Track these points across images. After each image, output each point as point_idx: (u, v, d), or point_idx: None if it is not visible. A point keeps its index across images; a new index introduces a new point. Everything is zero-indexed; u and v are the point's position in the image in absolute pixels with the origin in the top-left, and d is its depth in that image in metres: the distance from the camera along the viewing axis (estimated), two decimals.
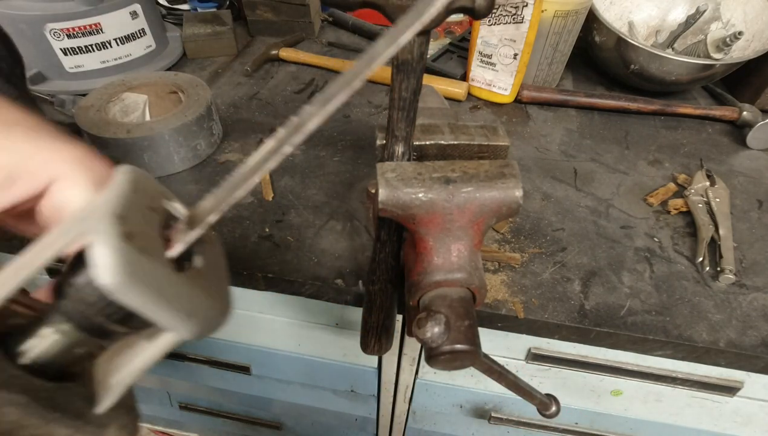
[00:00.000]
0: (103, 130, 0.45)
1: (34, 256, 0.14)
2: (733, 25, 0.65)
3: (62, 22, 0.53)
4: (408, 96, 0.27)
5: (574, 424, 0.60)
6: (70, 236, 0.14)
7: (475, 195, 0.27)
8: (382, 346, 0.39)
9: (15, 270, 0.14)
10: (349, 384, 0.65)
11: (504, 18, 0.55)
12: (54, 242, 0.15)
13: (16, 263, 0.14)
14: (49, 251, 0.14)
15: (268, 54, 0.68)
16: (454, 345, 0.25)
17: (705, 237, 0.44)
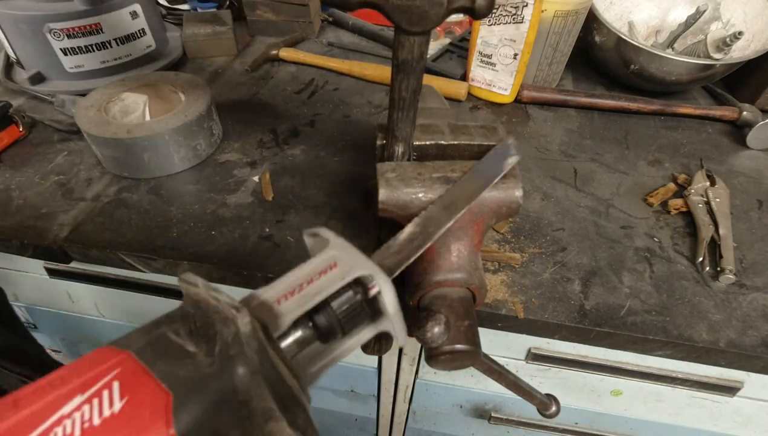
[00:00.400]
0: (103, 130, 0.45)
1: (330, 283, 0.21)
2: (733, 25, 0.65)
3: (62, 22, 0.53)
4: (408, 96, 0.27)
5: (574, 424, 0.60)
6: (347, 277, 0.21)
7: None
8: (383, 346, 0.39)
9: (322, 286, 0.20)
10: (349, 384, 0.65)
11: (504, 18, 0.55)
12: (337, 279, 0.21)
13: (320, 282, 0.20)
14: (338, 283, 0.21)
15: (268, 54, 0.68)
16: (454, 345, 0.25)
17: (705, 237, 0.44)
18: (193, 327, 0.17)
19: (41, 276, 0.53)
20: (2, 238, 0.42)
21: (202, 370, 0.16)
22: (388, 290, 0.20)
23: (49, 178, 0.48)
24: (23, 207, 0.44)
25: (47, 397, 0.14)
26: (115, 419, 0.14)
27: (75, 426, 0.14)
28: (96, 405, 0.15)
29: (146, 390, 0.15)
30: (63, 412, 0.14)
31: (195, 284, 0.18)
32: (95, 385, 0.15)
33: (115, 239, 0.42)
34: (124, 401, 0.15)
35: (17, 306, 0.62)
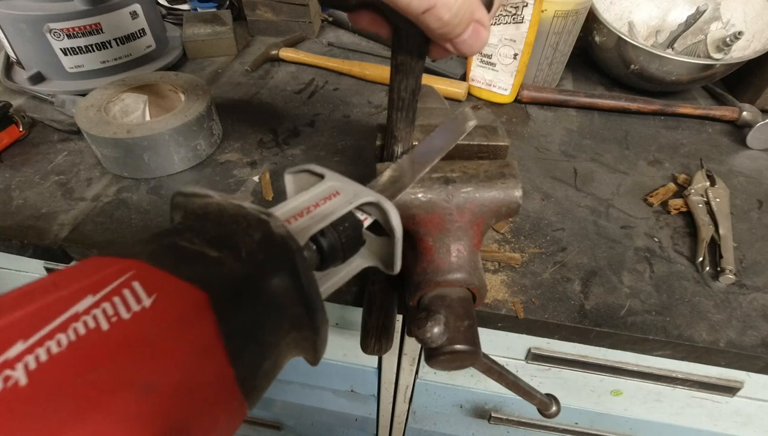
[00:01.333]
0: (103, 130, 0.45)
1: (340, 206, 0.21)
2: (733, 25, 0.65)
3: (62, 22, 0.53)
4: (407, 96, 0.27)
5: (574, 424, 0.60)
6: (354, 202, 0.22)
7: (475, 195, 0.27)
8: (383, 346, 0.39)
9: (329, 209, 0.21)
10: (349, 384, 0.65)
11: (504, 18, 0.55)
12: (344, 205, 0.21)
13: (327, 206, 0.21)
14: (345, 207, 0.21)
15: (268, 54, 0.68)
16: (454, 345, 0.25)
17: (705, 237, 0.44)
18: (208, 236, 0.16)
19: (41, 276, 0.53)
20: (2, 238, 0.42)
21: (232, 272, 0.15)
22: (396, 214, 0.21)
23: (49, 178, 0.48)
24: (23, 207, 0.44)
25: (44, 299, 0.12)
26: (148, 314, 0.13)
27: (100, 321, 0.12)
28: (119, 303, 0.13)
29: (176, 289, 0.14)
30: (76, 310, 0.12)
31: (206, 194, 0.18)
32: (109, 285, 0.13)
33: (115, 239, 0.42)
34: (153, 297, 0.13)
35: None
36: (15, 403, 0.10)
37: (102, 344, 0.12)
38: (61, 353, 0.11)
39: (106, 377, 0.11)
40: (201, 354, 0.13)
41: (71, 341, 0.12)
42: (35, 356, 0.11)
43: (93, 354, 0.12)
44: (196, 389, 0.13)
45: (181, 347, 0.13)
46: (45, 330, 0.12)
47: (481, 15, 0.21)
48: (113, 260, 0.14)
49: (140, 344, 0.12)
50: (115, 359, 0.12)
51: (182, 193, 0.18)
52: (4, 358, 0.11)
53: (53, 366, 0.11)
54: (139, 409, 0.12)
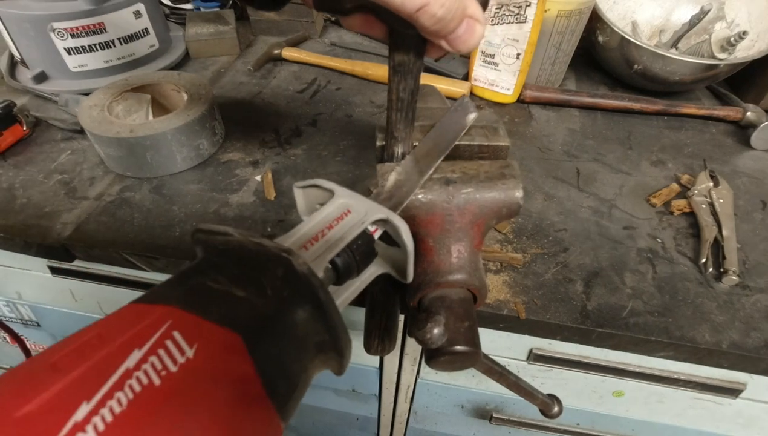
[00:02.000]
0: (107, 130, 0.45)
1: (353, 228, 0.22)
2: (738, 25, 0.64)
3: (66, 22, 0.53)
4: (406, 97, 0.27)
5: (576, 425, 0.60)
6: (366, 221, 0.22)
7: (475, 196, 0.27)
8: (385, 347, 0.39)
9: (342, 231, 0.22)
10: (350, 384, 0.65)
11: (507, 18, 0.55)
12: (356, 225, 0.22)
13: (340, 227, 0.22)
14: (357, 228, 0.22)
15: (271, 53, 0.68)
16: (454, 347, 0.25)
17: (708, 238, 0.44)
18: (233, 274, 0.17)
19: (44, 275, 0.53)
20: (6, 236, 0.42)
21: (261, 311, 0.16)
22: (406, 229, 0.22)
23: (52, 177, 0.48)
24: (27, 206, 0.44)
25: (95, 356, 0.13)
26: (192, 364, 0.14)
27: (152, 377, 0.13)
28: (164, 355, 0.14)
29: (213, 335, 0.15)
30: (128, 366, 0.13)
31: (226, 232, 0.18)
32: (151, 337, 0.14)
33: (117, 238, 0.42)
34: (195, 347, 0.14)
35: (21, 305, 0.62)
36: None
37: (157, 400, 0.13)
38: (123, 413, 0.12)
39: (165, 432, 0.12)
40: (242, 391, 0.14)
41: (129, 399, 0.12)
42: (101, 417, 0.12)
43: (151, 411, 0.12)
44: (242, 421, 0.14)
45: (226, 391, 0.14)
46: (104, 389, 0.12)
47: (474, 10, 0.21)
48: (150, 308, 0.15)
49: (191, 396, 0.13)
50: (173, 415, 0.12)
51: (202, 230, 0.19)
52: (74, 421, 0.11)
53: (118, 427, 0.12)
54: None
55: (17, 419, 0.11)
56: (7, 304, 0.63)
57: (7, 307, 0.63)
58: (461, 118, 0.30)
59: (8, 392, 0.12)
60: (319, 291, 0.17)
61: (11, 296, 0.61)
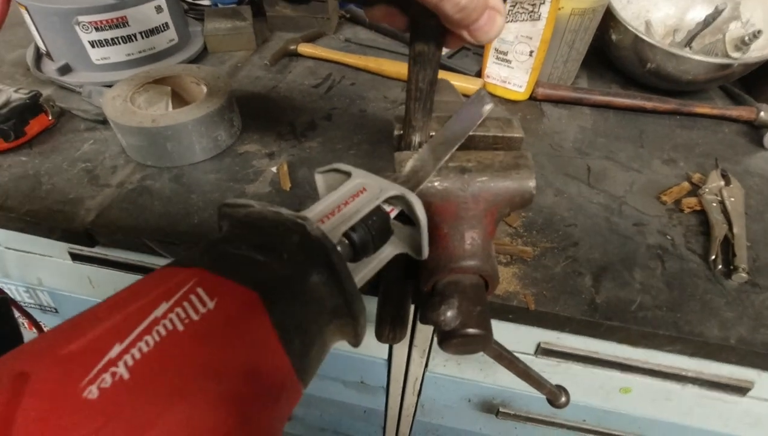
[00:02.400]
0: (129, 120, 0.46)
1: (367, 203, 0.23)
2: (753, 25, 0.64)
3: (91, 15, 0.55)
4: (425, 87, 0.28)
5: (582, 421, 0.61)
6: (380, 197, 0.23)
7: (490, 184, 0.27)
8: (397, 335, 0.39)
9: (358, 206, 0.22)
10: (358, 375, 0.66)
11: (521, 15, 0.55)
12: (371, 200, 0.23)
13: (355, 203, 0.22)
14: (372, 203, 0.23)
15: (287, 49, 0.69)
16: (467, 329, 0.26)
17: (718, 236, 0.44)
18: (254, 242, 0.19)
19: (65, 261, 0.55)
20: (32, 220, 0.43)
21: (278, 273, 0.18)
22: (420, 205, 0.23)
23: (76, 165, 0.49)
24: (52, 192, 0.46)
25: (129, 308, 0.15)
26: (213, 315, 0.15)
27: (176, 324, 0.15)
28: (188, 307, 0.15)
29: (233, 291, 0.16)
30: (155, 315, 0.15)
31: (247, 204, 0.20)
32: (178, 292, 0.16)
33: (138, 224, 0.43)
34: (215, 301, 0.16)
35: (41, 291, 0.64)
36: (124, 394, 0.13)
37: (180, 342, 0.14)
38: (150, 351, 0.14)
39: (187, 368, 0.14)
40: (260, 344, 0.16)
41: (156, 341, 0.14)
42: (131, 355, 0.14)
43: (174, 351, 0.14)
44: (259, 374, 0.16)
45: (243, 339, 0.15)
46: (134, 334, 0.14)
47: (495, 2, 0.22)
48: (178, 270, 0.17)
49: (210, 340, 0.15)
50: (192, 354, 0.14)
51: (227, 205, 0.20)
52: (108, 357, 0.13)
53: (146, 363, 0.14)
54: (216, 392, 0.14)
55: (62, 356, 0.13)
56: (27, 290, 0.65)
57: (27, 293, 0.65)
58: (478, 109, 0.30)
59: (58, 336, 0.14)
60: (332, 254, 0.18)
61: (32, 282, 0.63)
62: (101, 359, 0.13)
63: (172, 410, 0.13)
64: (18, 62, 0.66)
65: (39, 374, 0.13)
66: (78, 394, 0.12)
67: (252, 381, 0.15)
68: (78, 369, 0.13)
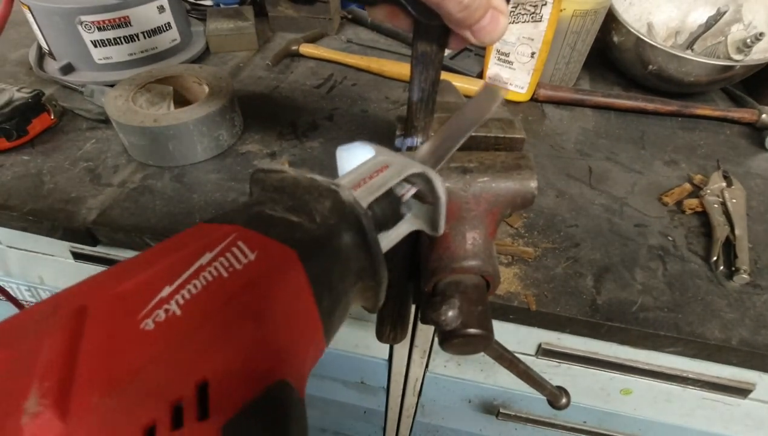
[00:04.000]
0: (131, 119, 0.47)
1: (391, 178, 0.23)
2: (755, 27, 0.64)
3: (94, 15, 0.55)
4: (427, 88, 0.28)
5: (582, 423, 0.60)
6: (403, 173, 0.23)
7: (491, 185, 0.27)
8: (397, 335, 0.40)
9: (383, 181, 0.23)
10: (359, 375, 0.66)
11: (522, 16, 0.55)
12: (394, 176, 0.23)
13: (380, 178, 0.23)
14: (395, 178, 0.23)
15: (289, 49, 0.70)
16: (468, 329, 0.26)
17: (720, 237, 0.44)
18: (288, 205, 0.20)
19: (66, 260, 0.55)
20: (34, 219, 0.44)
21: (312, 233, 0.19)
22: (440, 182, 0.24)
23: (78, 164, 0.50)
24: (54, 191, 0.46)
25: (173, 255, 0.16)
26: (254, 265, 0.17)
27: (220, 271, 0.16)
28: (231, 257, 0.16)
29: (273, 247, 0.17)
30: (201, 263, 0.16)
31: (282, 169, 0.21)
32: (220, 244, 0.17)
33: (140, 224, 0.43)
34: (256, 253, 0.17)
35: (42, 289, 0.64)
36: (176, 327, 0.14)
37: (226, 287, 0.16)
38: (198, 293, 0.15)
39: (232, 309, 0.15)
40: (296, 294, 0.17)
41: (203, 284, 0.15)
42: (182, 296, 0.15)
43: (220, 294, 0.15)
44: (294, 321, 0.17)
45: (281, 287, 0.17)
46: (183, 278, 0.15)
47: (498, 2, 0.22)
48: (217, 226, 0.18)
49: (252, 286, 0.16)
50: (237, 297, 0.16)
51: (262, 170, 0.22)
52: (160, 297, 0.15)
53: (195, 303, 0.15)
54: (256, 332, 0.15)
55: (117, 293, 0.15)
56: (29, 288, 0.65)
57: (28, 291, 0.65)
58: (489, 101, 0.31)
59: (111, 276, 0.16)
60: (363, 219, 0.19)
61: (34, 281, 0.63)
62: (154, 297, 0.14)
63: (220, 343, 0.14)
64: (21, 61, 0.66)
65: (98, 307, 0.14)
66: (136, 325, 0.14)
67: (287, 327, 0.17)
68: (134, 305, 0.14)
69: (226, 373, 0.14)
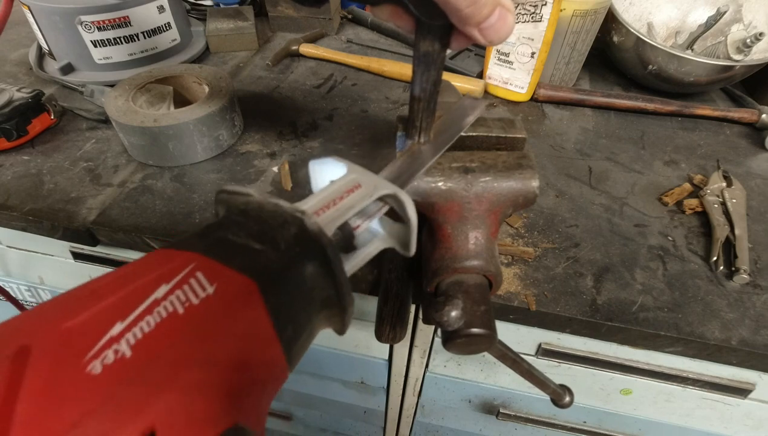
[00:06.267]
0: (131, 119, 0.46)
1: (361, 199, 0.23)
2: (755, 27, 0.64)
3: (93, 15, 0.55)
4: (429, 87, 0.28)
5: (582, 423, 0.61)
6: (374, 195, 0.23)
7: (493, 184, 0.27)
8: (397, 334, 0.40)
9: (352, 202, 0.22)
10: (359, 375, 0.66)
11: (522, 16, 0.55)
12: (365, 197, 0.23)
13: (350, 199, 0.23)
14: (366, 200, 0.23)
15: (289, 49, 0.69)
16: (471, 329, 0.26)
17: (720, 237, 0.44)
18: (251, 230, 0.19)
19: (66, 260, 0.55)
20: (34, 219, 0.43)
21: (275, 263, 0.18)
22: (410, 204, 0.24)
23: (78, 164, 0.49)
24: (54, 191, 0.46)
25: (128, 287, 0.15)
26: (212, 300, 0.16)
27: (176, 306, 0.15)
28: (188, 290, 0.16)
29: (233, 278, 0.17)
30: (156, 296, 0.15)
31: (247, 193, 0.20)
32: (178, 275, 0.16)
33: (140, 224, 0.43)
34: (215, 286, 0.16)
35: (42, 289, 0.64)
36: (125, 371, 0.13)
37: (180, 325, 0.15)
38: (151, 332, 0.14)
39: (186, 353, 0.14)
40: (255, 331, 0.17)
41: (157, 322, 0.15)
42: (133, 334, 0.14)
43: (174, 333, 0.15)
44: (252, 358, 0.16)
45: (239, 323, 0.16)
46: (135, 313, 0.14)
47: (505, 0, 0.21)
48: (176, 253, 0.17)
49: (208, 324, 0.15)
50: (191, 337, 0.15)
51: (226, 191, 0.21)
52: (110, 335, 0.14)
53: (146, 342, 0.14)
54: (209, 376, 0.15)
55: (64, 330, 0.14)
56: (29, 288, 0.65)
57: (28, 291, 0.65)
58: (468, 111, 0.31)
59: (57, 309, 0.14)
60: (327, 249, 0.19)
61: (34, 281, 0.63)
62: (103, 336, 0.14)
63: (170, 388, 0.13)
64: (21, 61, 0.66)
65: (41, 347, 0.13)
66: (81, 368, 0.13)
67: (246, 369, 0.16)
68: (81, 344, 0.13)
69: (176, 421, 0.13)
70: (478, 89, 0.62)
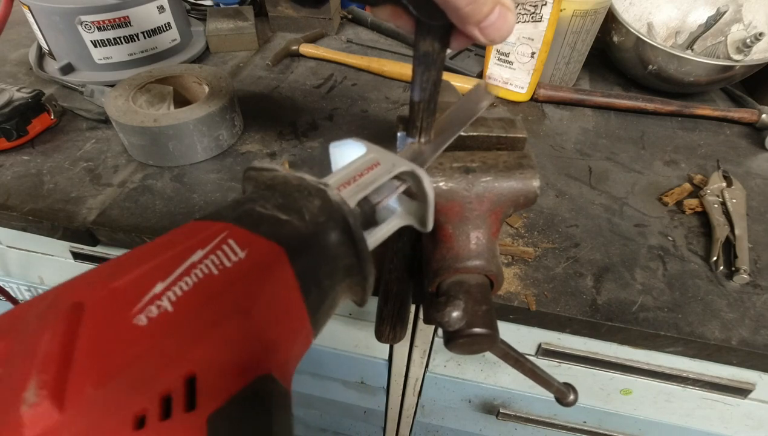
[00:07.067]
0: (131, 119, 0.46)
1: (380, 176, 0.23)
2: (755, 27, 0.64)
3: (94, 15, 0.55)
4: (429, 88, 0.28)
5: (582, 423, 0.61)
6: (393, 171, 0.24)
7: (494, 184, 0.27)
8: (397, 334, 0.40)
9: (372, 178, 0.23)
10: (359, 375, 0.66)
11: (523, 16, 0.55)
12: (384, 174, 0.24)
13: (370, 175, 0.23)
14: (385, 176, 0.24)
15: (289, 49, 0.69)
16: (473, 329, 0.26)
17: (720, 237, 0.44)
18: (278, 203, 0.20)
19: (66, 260, 0.55)
20: (34, 219, 0.43)
21: (300, 231, 0.19)
22: (428, 180, 0.24)
23: (78, 164, 0.49)
24: (54, 191, 0.46)
25: (167, 252, 0.17)
26: (244, 263, 0.17)
27: (211, 268, 0.17)
28: (221, 255, 0.17)
29: (262, 244, 0.18)
30: (192, 260, 0.17)
31: (273, 169, 0.22)
32: (212, 242, 0.17)
33: (140, 224, 0.43)
34: (246, 251, 0.18)
35: (42, 289, 0.64)
36: (168, 323, 0.15)
37: (215, 284, 0.16)
38: (189, 290, 0.16)
39: (221, 306, 0.16)
40: (283, 290, 0.18)
41: (194, 282, 0.16)
42: (173, 292, 0.16)
43: (210, 291, 0.16)
44: (281, 316, 0.18)
45: (269, 284, 0.17)
46: (175, 275, 0.16)
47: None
48: (209, 223, 0.19)
49: (241, 284, 0.17)
50: (225, 294, 0.16)
51: (253, 168, 0.22)
52: (153, 293, 0.15)
53: (186, 299, 0.16)
54: (245, 327, 0.16)
55: (112, 289, 0.15)
56: (29, 288, 0.65)
57: (28, 291, 0.65)
58: (475, 102, 0.31)
59: (105, 272, 0.16)
60: (349, 218, 0.20)
61: (34, 281, 0.63)
62: (147, 293, 0.15)
63: (208, 338, 0.15)
64: (21, 61, 0.66)
65: (94, 303, 0.15)
66: (129, 320, 0.14)
67: (275, 325, 0.17)
68: (127, 300, 0.15)
69: (213, 367, 0.15)
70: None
